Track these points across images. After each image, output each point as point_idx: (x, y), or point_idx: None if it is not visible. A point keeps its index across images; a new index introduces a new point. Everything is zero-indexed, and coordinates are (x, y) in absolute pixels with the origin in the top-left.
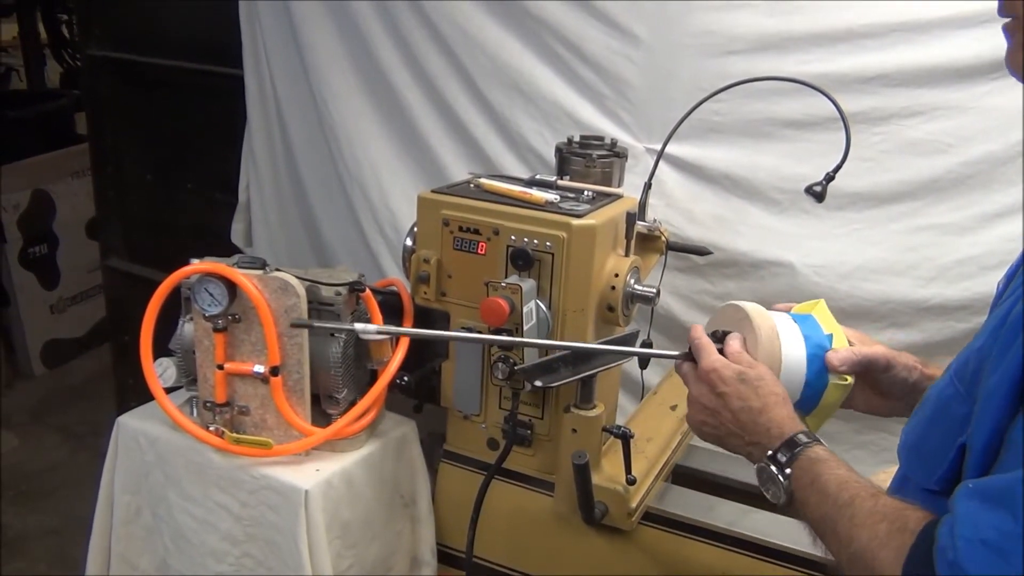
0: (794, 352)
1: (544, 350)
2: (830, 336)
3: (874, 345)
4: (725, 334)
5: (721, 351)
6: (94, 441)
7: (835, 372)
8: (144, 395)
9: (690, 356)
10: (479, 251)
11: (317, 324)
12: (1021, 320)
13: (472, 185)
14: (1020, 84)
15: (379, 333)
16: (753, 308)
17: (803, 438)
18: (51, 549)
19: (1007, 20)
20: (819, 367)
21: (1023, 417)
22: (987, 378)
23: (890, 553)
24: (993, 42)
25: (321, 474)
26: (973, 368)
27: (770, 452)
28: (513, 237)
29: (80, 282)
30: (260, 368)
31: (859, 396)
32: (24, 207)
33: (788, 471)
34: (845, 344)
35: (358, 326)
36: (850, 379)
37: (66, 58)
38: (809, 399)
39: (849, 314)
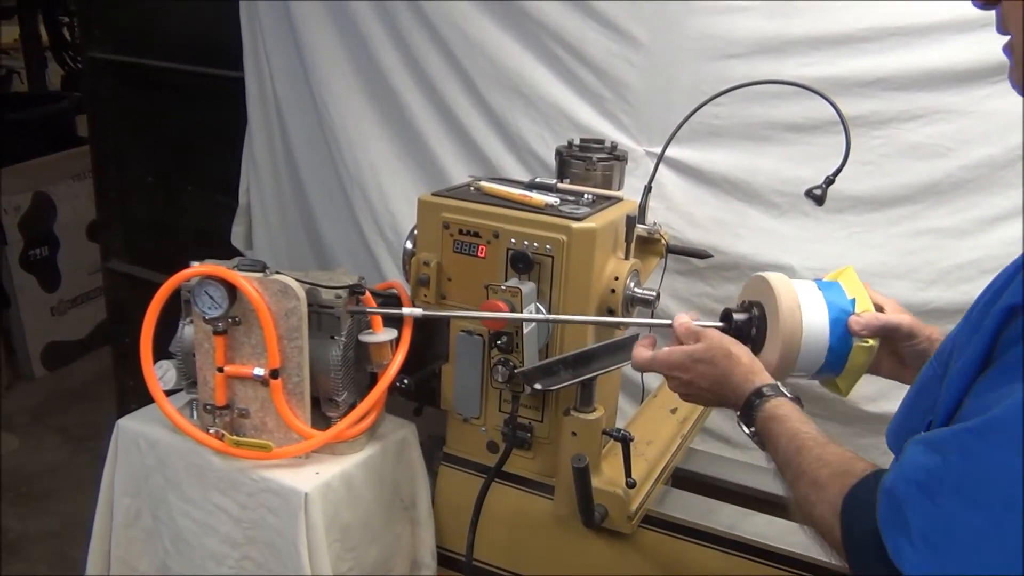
0: (816, 319)
1: (544, 354)
2: (853, 301)
3: (902, 313)
4: (751, 304)
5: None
6: (94, 443)
7: (857, 336)
8: (144, 397)
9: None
10: (479, 254)
11: (370, 311)
12: (989, 304)
13: (472, 188)
14: None
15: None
16: (776, 278)
17: (756, 399)
18: (51, 551)
19: (1007, 38)
20: (842, 332)
21: (977, 386)
22: (956, 360)
23: (829, 493)
24: (992, 46)
25: (321, 477)
26: (948, 350)
27: (737, 415)
28: (513, 240)
29: (80, 284)
30: (260, 371)
31: (884, 362)
32: (25, 209)
33: (752, 430)
34: (870, 308)
35: (407, 310)
36: (873, 342)
37: (67, 60)
38: (834, 363)
39: None
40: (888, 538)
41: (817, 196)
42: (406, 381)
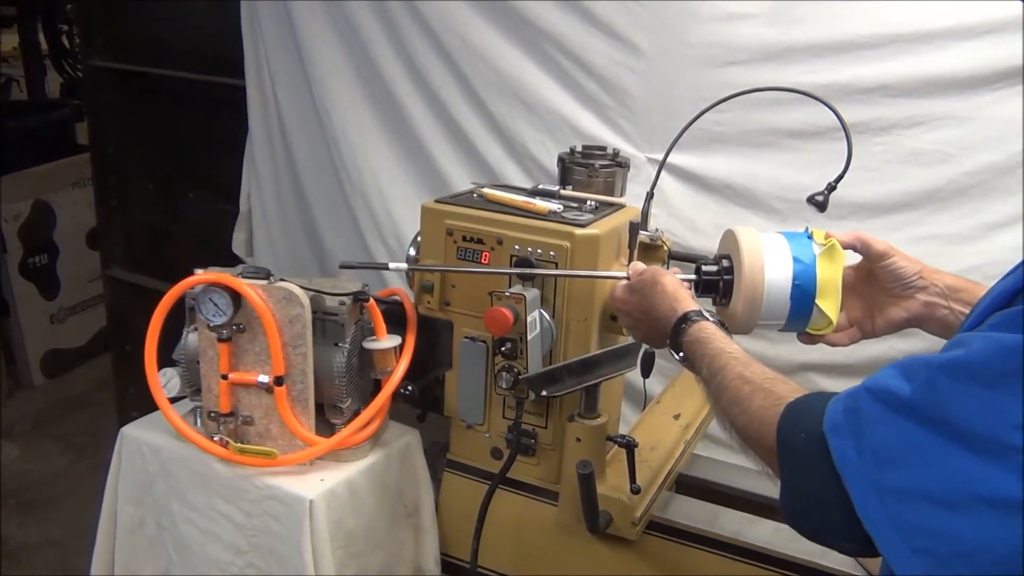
0: (779, 271)
1: (548, 361)
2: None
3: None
4: (721, 257)
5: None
6: (95, 451)
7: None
8: (145, 405)
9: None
10: (483, 261)
11: (358, 265)
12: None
13: (475, 195)
14: (1021, 94)
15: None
16: (743, 232)
17: (682, 324)
18: (53, 560)
19: (1006, 43)
20: (806, 282)
21: (960, 334)
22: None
23: (752, 405)
24: (993, 53)
25: (325, 484)
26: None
27: (667, 343)
28: (517, 247)
29: (80, 292)
30: (264, 378)
31: (868, 297)
32: (24, 217)
33: (681, 354)
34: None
35: (392, 265)
36: (833, 241)
37: (67, 68)
38: (800, 311)
39: None
40: (834, 440)
41: (819, 202)
42: (410, 388)
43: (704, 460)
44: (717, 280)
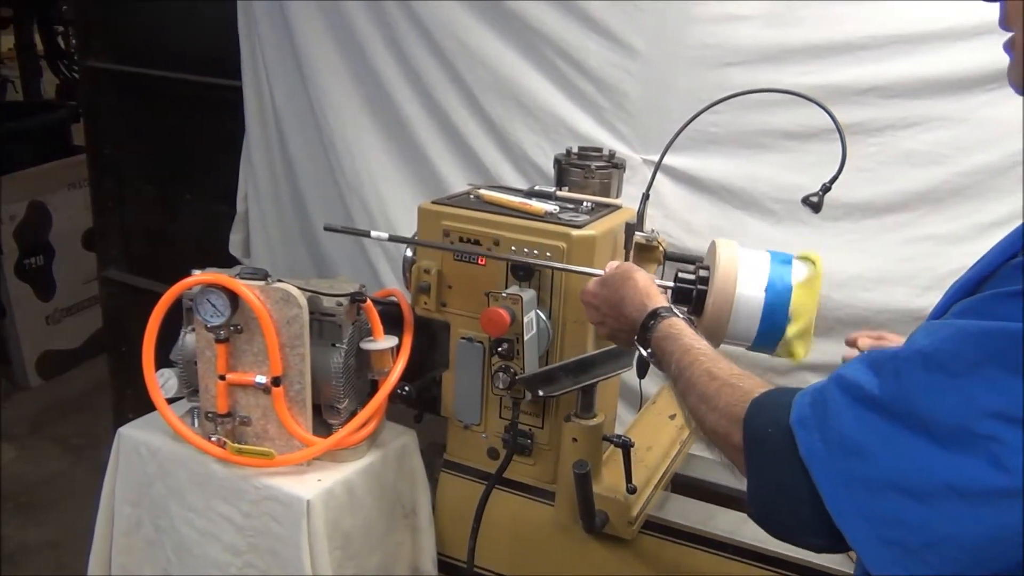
0: (752, 290)
1: (545, 361)
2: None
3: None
4: (700, 267)
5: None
6: (92, 452)
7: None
8: (142, 406)
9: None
10: (480, 261)
11: (342, 229)
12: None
13: (472, 196)
14: (1014, 95)
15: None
16: (723, 244)
17: (651, 321)
18: (51, 561)
19: (1008, 36)
20: (778, 306)
21: (925, 323)
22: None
23: (720, 402)
24: (988, 54)
25: (323, 484)
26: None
27: (636, 339)
28: (513, 248)
29: (76, 293)
30: (262, 378)
31: None
32: (20, 218)
33: (649, 350)
34: (816, 278)
35: (374, 233)
36: (816, 270)
37: (62, 69)
38: (768, 334)
39: (846, 324)
40: (802, 433)
41: (814, 203)
42: (407, 388)
43: (700, 460)
44: (691, 289)
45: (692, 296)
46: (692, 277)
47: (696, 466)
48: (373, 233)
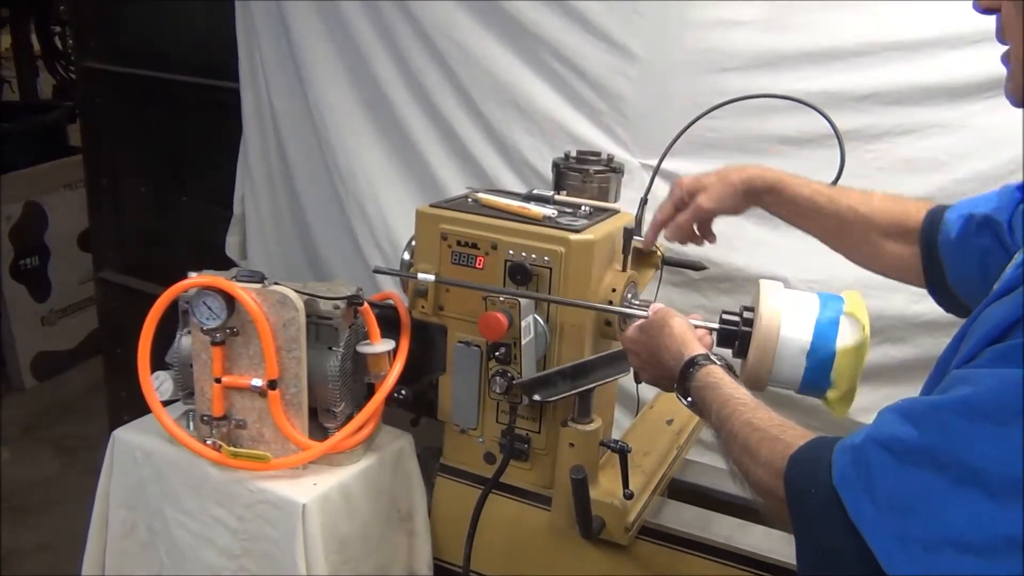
0: (797, 333)
1: (542, 365)
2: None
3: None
4: (747, 309)
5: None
6: (86, 455)
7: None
8: (137, 408)
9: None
10: (477, 265)
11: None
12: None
13: (470, 200)
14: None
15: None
16: (766, 285)
17: (689, 369)
18: (44, 565)
19: (1005, 48)
20: (825, 351)
21: (958, 367)
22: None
23: (762, 456)
24: (986, 61)
25: (318, 488)
26: (959, 338)
27: (674, 388)
28: (511, 251)
29: (71, 294)
30: (258, 381)
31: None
32: (16, 219)
33: (689, 399)
34: (863, 345)
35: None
36: (859, 340)
37: (59, 70)
38: (815, 380)
39: None
40: (848, 495)
41: None
42: (404, 392)
43: (697, 465)
44: (735, 331)
45: (736, 338)
46: (736, 319)
47: (693, 472)
48: (420, 276)
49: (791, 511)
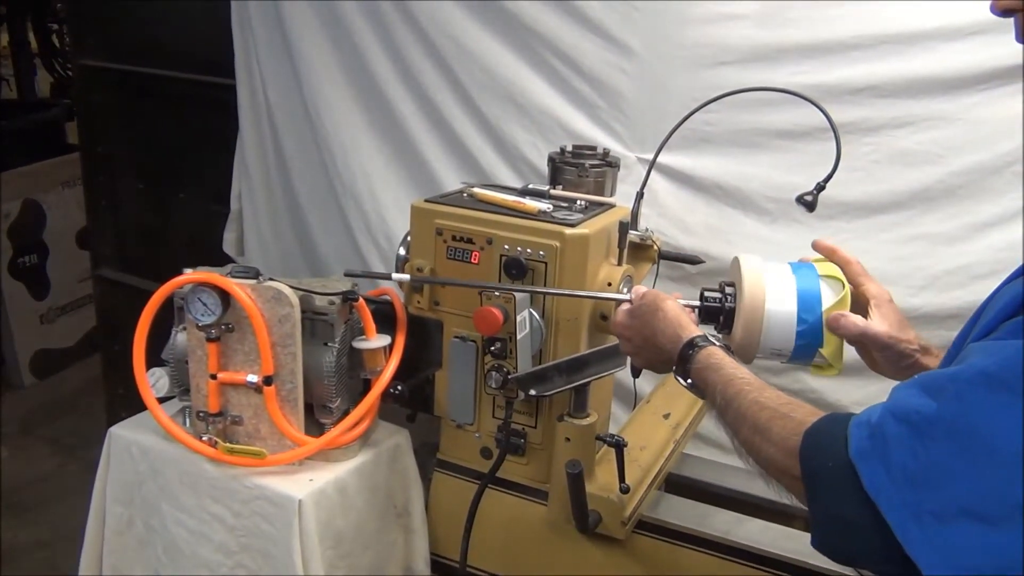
0: (782, 304)
1: (538, 360)
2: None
3: (886, 315)
4: (725, 284)
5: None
6: (84, 452)
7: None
8: (135, 405)
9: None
10: (472, 260)
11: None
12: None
13: (465, 195)
14: (1008, 95)
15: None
16: (746, 260)
17: (688, 351)
18: (42, 561)
19: (1004, 49)
20: (811, 316)
21: (974, 343)
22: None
23: (773, 434)
24: (982, 54)
25: (315, 484)
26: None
27: (673, 369)
28: (507, 246)
29: (70, 292)
30: (253, 378)
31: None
32: (14, 217)
33: (689, 381)
34: (845, 293)
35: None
36: (844, 291)
37: (57, 68)
38: (805, 347)
39: None
40: (864, 467)
41: (808, 202)
42: (400, 387)
43: (694, 460)
44: (719, 308)
45: (721, 314)
46: (718, 295)
47: (690, 466)
48: (395, 275)
49: (806, 485)
